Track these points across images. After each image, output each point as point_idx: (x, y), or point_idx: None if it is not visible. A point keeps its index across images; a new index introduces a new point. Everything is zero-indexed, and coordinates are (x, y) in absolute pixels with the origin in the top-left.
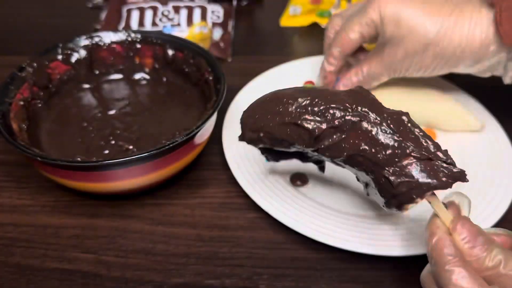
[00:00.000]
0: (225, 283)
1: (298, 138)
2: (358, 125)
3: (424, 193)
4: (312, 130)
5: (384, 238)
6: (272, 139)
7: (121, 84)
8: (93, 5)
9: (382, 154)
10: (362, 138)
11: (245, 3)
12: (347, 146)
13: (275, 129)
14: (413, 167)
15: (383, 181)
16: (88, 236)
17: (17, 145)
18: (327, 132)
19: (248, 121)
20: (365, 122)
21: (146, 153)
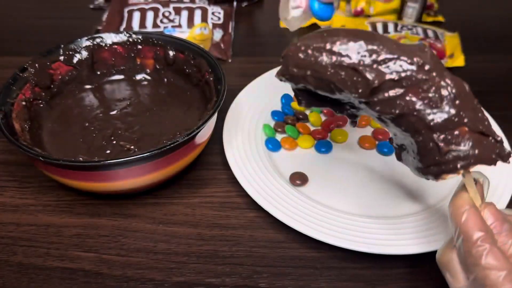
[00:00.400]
0: (226, 282)
1: (352, 85)
2: (420, 83)
3: (470, 166)
4: (372, 80)
5: (384, 237)
6: (320, 80)
7: (123, 85)
8: (94, 6)
9: (438, 118)
10: (421, 97)
11: (245, 4)
12: (402, 103)
13: (327, 69)
14: (466, 137)
15: (430, 145)
16: (89, 235)
17: (19, 145)
18: (386, 85)
19: (295, 54)
20: (428, 82)
21: (147, 153)
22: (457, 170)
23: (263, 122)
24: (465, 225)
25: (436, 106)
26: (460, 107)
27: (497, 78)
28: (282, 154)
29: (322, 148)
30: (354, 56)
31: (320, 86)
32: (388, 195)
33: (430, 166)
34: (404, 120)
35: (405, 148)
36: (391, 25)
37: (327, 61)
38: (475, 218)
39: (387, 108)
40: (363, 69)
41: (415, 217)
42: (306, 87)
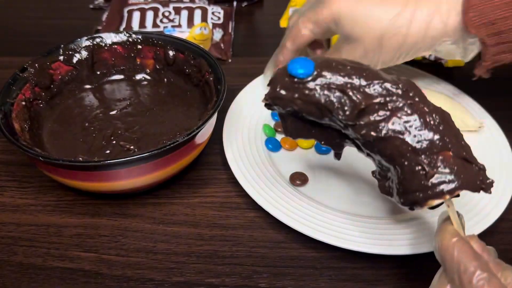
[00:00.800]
0: (226, 282)
1: (339, 107)
2: (405, 108)
3: (456, 191)
4: (359, 102)
5: (383, 237)
6: (308, 103)
7: (123, 85)
8: (94, 6)
9: (423, 142)
10: (406, 121)
11: (245, 4)
12: (387, 126)
13: (316, 91)
14: (450, 162)
15: (416, 169)
16: (89, 235)
17: (19, 145)
18: (372, 108)
19: (283, 77)
20: (413, 107)
21: (147, 153)
22: (443, 195)
23: (263, 122)
24: (459, 257)
25: (420, 130)
26: (444, 133)
27: (497, 78)
28: (282, 154)
29: (322, 148)
30: (341, 79)
31: (307, 109)
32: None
33: (416, 191)
34: (389, 144)
35: (389, 178)
36: None
37: (315, 83)
38: (466, 248)
39: (372, 131)
40: (351, 91)
41: (415, 218)
42: (294, 111)
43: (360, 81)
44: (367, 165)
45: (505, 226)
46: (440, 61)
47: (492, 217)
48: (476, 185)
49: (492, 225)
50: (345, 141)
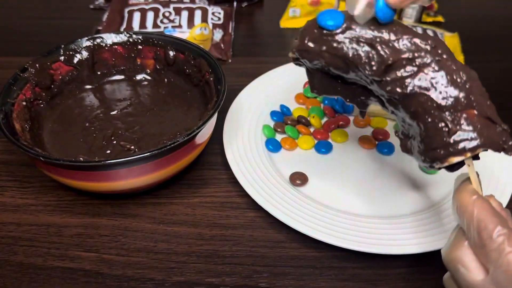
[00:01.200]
0: (226, 281)
1: (367, 62)
2: (433, 64)
3: (477, 149)
4: (387, 57)
5: (383, 237)
6: (335, 56)
7: (123, 85)
8: (94, 6)
9: (448, 99)
10: (432, 78)
11: (245, 4)
12: (413, 82)
13: (344, 45)
14: (474, 120)
15: (439, 126)
16: (90, 235)
17: (20, 145)
18: (399, 63)
19: (312, 29)
20: (441, 64)
21: (148, 153)
22: (464, 152)
23: (263, 123)
24: (479, 214)
25: (446, 87)
26: (470, 91)
27: (497, 78)
28: (282, 154)
29: (322, 148)
30: (371, 32)
31: (334, 63)
32: (388, 195)
33: (437, 148)
34: (414, 100)
35: (412, 136)
36: None
37: (344, 36)
38: (487, 206)
39: (398, 87)
40: (379, 45)
41: (415, 217)
42: (321, 65)
43: (390, 36)
44: (367, 166)
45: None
46: None
47: None
48: (498, 144)
49: None
50: (370, 99)
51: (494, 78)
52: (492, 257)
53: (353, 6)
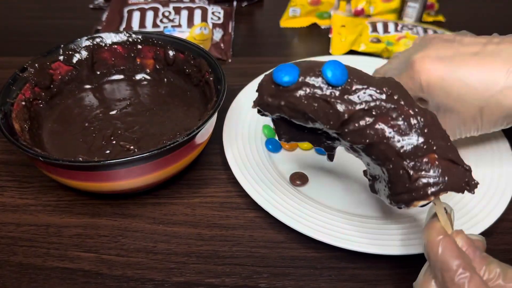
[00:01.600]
0: (226, 282)
1: (324, 117)
2: (390, 112)
3: (440, 192)
4: (342, 113)
5: (383, 237)
6: (294, 110)
7: (123, 85)
8: (94, 6)
9: (408, 145)
10: (390, 125)
11: (245, 4)
12: (371, 133)
13: (301, 100)
14: (435, 165)
15: (400, 173)
16: (89, 235)
17: (19, 145)
18: (356, 115)
19: (269, 85)
20: (397, 111)
21: (147, 153)
22: (427, 196)
23: (263, 123)
24: (443, 256)
25: (405, 134)
26: (429, 135)
27: None
28: (282, 154)
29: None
30: (325, 87)
31: (294, 116)
32: None
33: (401, 193)
34: (374, 148)
35: (378, 178)
36: (392, 25)
37: (300, 92)
38: (451, 247)
39: (357, 138)
40: (334, 101)
41: (415, 218)
42: (282, 117)
43: (344, 90)
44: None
45: (505, 226)
46: None
47: (492, 217)
48: (460, 186)
49: (492, 225)
50: (335, 143)
51: None
52: None
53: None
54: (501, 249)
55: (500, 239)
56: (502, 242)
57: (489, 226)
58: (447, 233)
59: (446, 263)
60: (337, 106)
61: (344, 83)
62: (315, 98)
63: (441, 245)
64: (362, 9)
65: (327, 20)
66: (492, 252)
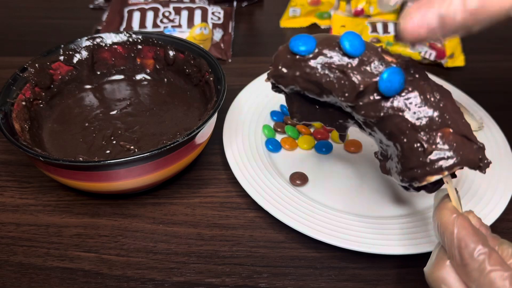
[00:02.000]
0: (226, 282)
1: (339, 88)
2: (405, 84)
3: (454, 167)
4: (358, 84)
5: (383, 237)
6: (308, 81)
7: (123, 85)
8: (94, 6)
9: (422, 119)
10: (406, 99)
11: (245, 4)
12: (386, 105)
13: (316, 71)
14: (450, 139)
15: (415, 146)
16: (89, 235)
17: (20, 145)
18: (372, 87)
19: (285, 55)
20: (414, 84)
21: (147, 153)
22: (441, 171)
23: (263, 123)
24: (460, 234)
25: (420, 107)
26: (444, 110)
27: (497, 78)
28: (282, 154)
29: (322, 148)
30: (342, 58)
31: (309, 88)
32: (388, 195)
33: (414, 168)
34: (388, 122)
35: (390, 157)
36: (391, 25)
37: (316, 62)
38: (467, 224)
39: (371, 111)
40: (351, 72)
41: (415, 218)
42: (296, 89)
43: (361, 60)
44: (367, 165)
45: (505, 226)
46: (440, 61)
47: (492, 217)
48: (474, 162)
49: (492, 225)
50: (348, 121)
51: (494, 78)
52: (473, 276)
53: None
54: None
55: None
56: None
57: (489, 226)
58: (460, 212)
59: (464, 240)
60: (352, 77)
61: (362, 54)
62: (331, 68)
63: (456, 224)
64: (362, 9)
65: (327, 20)
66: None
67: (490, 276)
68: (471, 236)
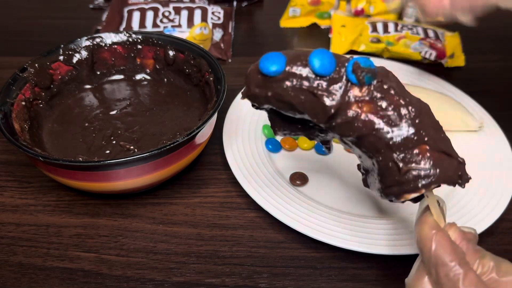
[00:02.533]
0: (226, 282)
1: (311, 110)
2: (378, 102)
3: (431, 185)
4: (329, 107)
5: (384, 237)
6: (281, 101)
7: (122, 85)
8: (94, 6)
9: (397, 137)
10: (379, 116)
11: (245, 4)
12: (359, 125)
13: (288, 92)
14: (426, 156)
15: (390, 165)
16: (89, 235)
17: (19, 145)
18: (343, 108)
19: (255, 75)
20: (387, 100)
21: (147, 153)
22: (418, 189)
23: (263, 123)
24: (437, 251)
25: (395, 125)
26: (420, 126)
27: (497, 78)
28: (282, 154)
29: (322, 148)
30: (312, 78)
31: (283, 107)
32: None
33: (392, 186)
34: (364, 140)
35: (370, 172)
36: (392, 25)
37: (286, 83)
38: (444, 242)
39: (346, 131)
40: (321, 94)
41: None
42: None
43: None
44: None
45: (505, 226)
46: (441, 61)
47: (492, 217)
48: (453, 179)
49: (492, 225)
50: (327, 135)
51: (494, 78)
52: None
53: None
54: (501, 249)
55: (500, 239)
56: (502, 242)
57: (489, 226)
58: (440, 227)
59: (441, 259)
60: (323, 99)
61: (332, 72)
62: (302, 90)
63: (434, 240)
64: (362, 9)
65: (327, 20)
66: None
67: None
68: (447, 254)
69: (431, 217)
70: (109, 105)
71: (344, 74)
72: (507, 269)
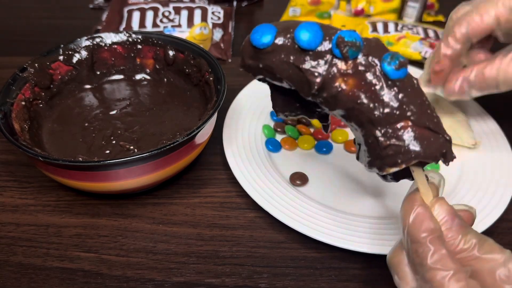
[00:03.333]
0: (226, 282)
1: (298, 84)
2: (362, 76)
3: (410, 161)
4: (313, 83)
5: (384, 237)
6: (271, 74)
7: (122, 85)
8: (94, 6)
9: (380, 111)
10: (363, 90)
11: (245, 4)
12: (344, 99)
13: (276, 64)
14: (407, 131)
15: (372, 140)
16: (89, 235)
17: (19, 145)
18: (328, 82)
19: (249, 46)
20: (371, 73)
21: (147, 153)
22: (398, 164)
23: (263, 122)
24: (412, 226)
25: (378, 99)
26: (404, 101)
27: None
28: (282, 154)
29: (322, 148)
30: (298, 51)
31: (274, 80)
32: (388, 195)
33: (376, 159)
34: (351, 114)
35: (361, 145)
36: (392, 25)
37: (274, 55)
38: (422, 217)
39: (332, 105)
40: (306, 69)
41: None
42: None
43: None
44: None
45: (505, 226)
46: None
47: (492, 217)
48: (435, 156)
49: (492, 225)
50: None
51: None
52: (418, 269)
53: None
54: None
55: (500, 239)
56: (502, 242)
57: (489, 226)
58: (423, 202)
59: (413, 234)
60: (308, 74)
61: (318, 46)
62: (288, 63)
63: (412, 215)
64: (362, 9)
65: (327, 20)
66: None
67: (431, 273)
68: (420, 231)
69: (418, 194)
70: (109, 105)
71: (330, 48)
72: (489, 247)
